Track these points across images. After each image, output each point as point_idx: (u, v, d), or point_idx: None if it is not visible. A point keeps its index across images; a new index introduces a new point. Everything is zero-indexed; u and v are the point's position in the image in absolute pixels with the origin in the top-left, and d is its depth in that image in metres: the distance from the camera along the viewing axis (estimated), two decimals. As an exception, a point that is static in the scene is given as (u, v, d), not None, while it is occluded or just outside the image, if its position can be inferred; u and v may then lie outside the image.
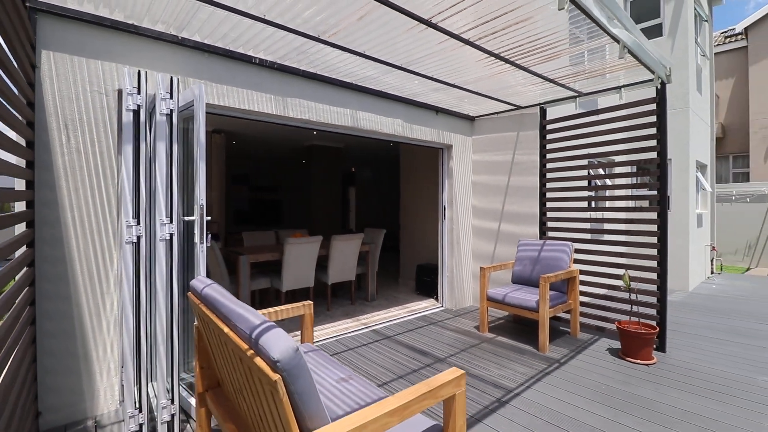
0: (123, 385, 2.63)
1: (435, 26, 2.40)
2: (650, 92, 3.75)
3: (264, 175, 11.80)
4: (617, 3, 2.12)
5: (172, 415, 2.25)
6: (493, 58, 2.94)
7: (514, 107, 4.73)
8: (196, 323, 2.11)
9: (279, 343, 1.08)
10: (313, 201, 9.28)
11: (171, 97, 2.19)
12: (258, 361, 1.13)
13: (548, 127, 4.56)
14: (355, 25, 2.48)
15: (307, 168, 9.64)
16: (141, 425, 2.17)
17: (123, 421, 2.43)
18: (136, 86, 2.12)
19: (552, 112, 4.67)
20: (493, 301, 4.17)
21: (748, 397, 2.73)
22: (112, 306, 2.56)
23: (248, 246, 5.58)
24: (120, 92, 2.58)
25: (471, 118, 5.38)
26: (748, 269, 8.87)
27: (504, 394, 2.76)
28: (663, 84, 3.38)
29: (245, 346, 1.24)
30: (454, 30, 2.46)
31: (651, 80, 3.49)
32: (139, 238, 2.16)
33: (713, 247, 7.98)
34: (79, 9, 2.37)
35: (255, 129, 7.23)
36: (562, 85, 3.68)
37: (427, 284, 5.94)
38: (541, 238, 4.67)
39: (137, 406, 2.15)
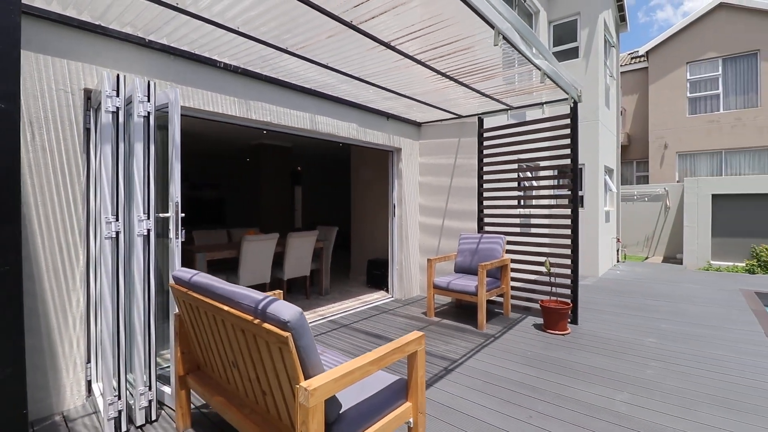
0: (89, 380, 2.68)
1: (393, 48, 2.78)
2: (567, 108, 4.47)
3: (205, 173, 11.46)
4: (539, 40, 2.65)
5: (150, 401, 2.39)
6: (440, 76, 3.40)
7: (456, 116, 5.28)
8: (176, 312, 2.28)
9: (287, 308, 1.38)
10: (260, 200, 9.25)
11: (149, 100, 2.32)
12: (266, 326, 1.42)
13: (485, 134, 5.17)
14: (322, 42, 2.77)
15: (254, 166, 9.57)
16: (120, 411, 2.28)
17: (95, 413, 2.50)
18: (115, 89, 2.23)
19: (488, 122, 5.29)
20: (438, 288, 4.66)
21: (637, 353, 3.47)
22: (78, 302, 2.60)
23: (203, 244, 5.56)
24: (87, 91, 2.62)
25: (418, 124, 5.86)
26: (646, 258, 10.45)
27: (450, 364, 3.23)
28: (575, 103, 4.10)
29: (250, 317, 1.51)
30: (409, 52, 2.86)
31: (566, 99, 4.19)
32: (117, 233, 2.27)
33: (618, 239, 9.35)
34: (46, 8, 2.39)
35: (202, 127, 7.11)
36: (497, 100, 4.27)
37: (377, 277, 6.33)
38: (479, 232, 5.27)
39: (116, 393, 2.27)
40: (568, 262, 4.44)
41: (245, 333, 1.59)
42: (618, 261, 9.27)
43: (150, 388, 2.38)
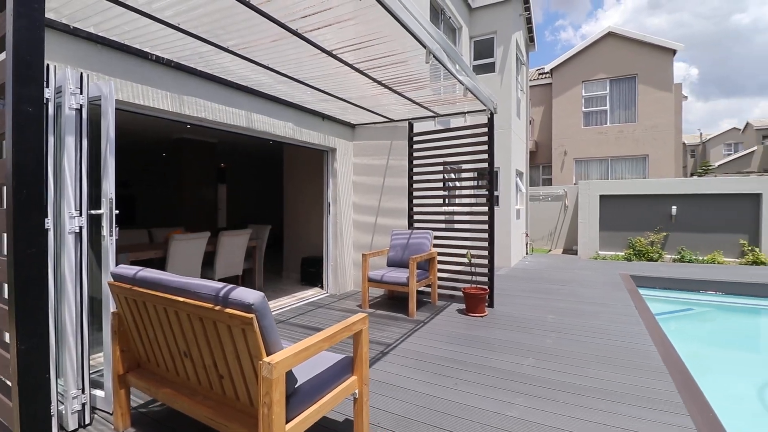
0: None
1: (335, 56, 2.98)
2: (485, 118, 5.04)
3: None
4: (462, 59, 3.06)
5: (83, 404, 2.31)
6: (377, 84, 3.68)
7: (388, 120, 5.62)
8: (114, 310, 2.25)
9: (251, 293, 1.53)
10: (182, 198, 8.74)
11: (81, 92, 2.24)
12: (229, 311, 1.55)
13: (415, 138, 5.59)
14: (266, 45, 2.87)
15: (174, 163, 8.99)
16: (51, 417, 2.17)
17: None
18: (44, 79, 2.11)
19: (418, 127, 5.72)
20: (373, 281, 4.96)
21: (540, 327, 4.12)
22: None
23: (124, 244, 5.19)
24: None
25: (352, 126, 6.09)
26: (549, 250, 11.92)
27: (385, 348, 3.54)
28: (492, 114, 4.68)
29: (210, 305, 1.62)
30: (349, 60, 3.08)
31: (485, 110, 4.75)
32: (47, 231, 2.16)
33: (527, 234, 10.56)
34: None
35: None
36: (426, 108, 4.69)
37: (312, 274, 6.45)
38: (409, 228, 5.68)
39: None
40: (486, 253, 5.02)
41: (203, 321, 1.69)
42: (527, 253, 10.48)
43: (83, 392, 2.30)
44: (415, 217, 5.77)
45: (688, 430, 2.19)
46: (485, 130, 4.82)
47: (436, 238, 5.43)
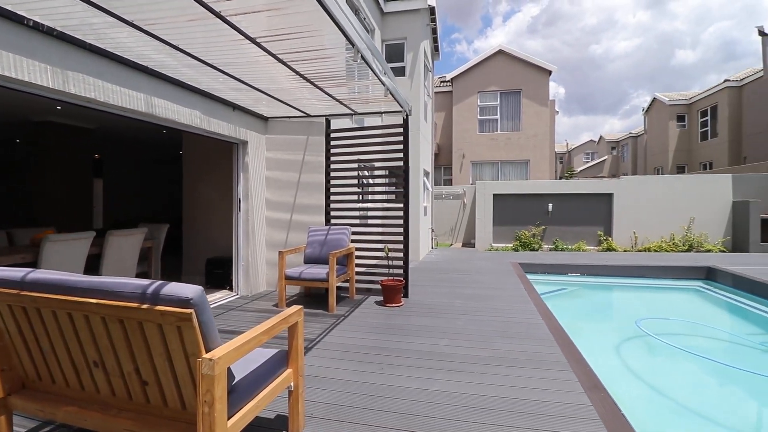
0: None
1: (259, 44, 2.86)
2: (401, 119, 5.31)
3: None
4: (385, 61, 3.21)
5: (-61, 443, 1.87)
6: (298, 77, 3.62)
7: (305, 115, 5.54)
8: (-11, 322, 1.87)
9: (187, 287, 1.43)
10: (44, 194, 7.38)
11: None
12: (160, 308, 1.43)
13: (333, 135, 5.62)
14: (180, 24, 2.63)
15: (35, 151, 7.52)
16: None
17: None
18: None
19: (335, 123, 5.76)
20: (290, 279, 4.86)
21: (450, 312, 4.54)
22: None
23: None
24: None
25: (265, 119, 5.85)
26: (451, 244, 12.99)
27: (309, 343, 3.53)
28: (407, 116, 4.97)
29: (135, 304, 1.48)
30: (273, 50, 2.99)
31: (401, 111, 5.02)
32: None
33: (433, 229, 11.37)
34: None
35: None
36: (345, 105, 4.76)
37: (219, 276, 6.03)
38: (326, 224, 5.70)
39: None
40: (401, 246, 5.31)
41: (125, 323, 1.53)
42: (433, 248, 11.28)
43: (-62, 427, 1.86)
44: (333, 213, 5.81)
45: (572, 382, 2.69)
46: (401, 130, 5.09)
47: (353, 233, 5.55)
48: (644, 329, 4.92)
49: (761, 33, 14.32)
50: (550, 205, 10.65)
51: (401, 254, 5.30)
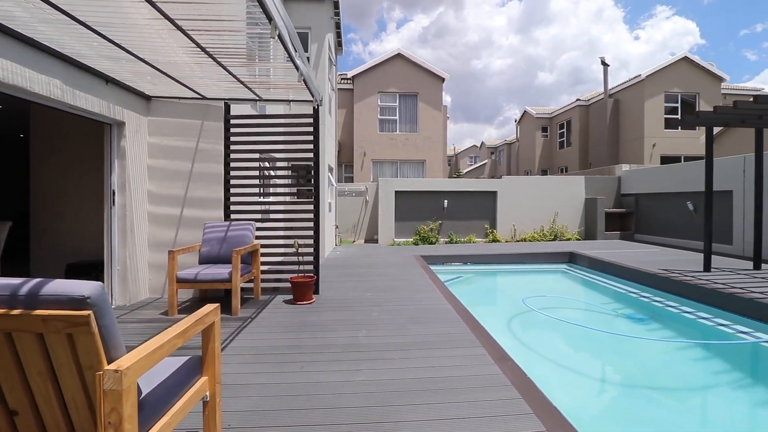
0: None
1: (153, 4, 2.41)
2: (311, 109, 5.10)
3: None
4: (301, 45, 3.03)
5: None
6: (198, 50, 3.19)
7: (200, 97, 4.95)
8: None
9: (82, 284, 1.12)
10: None
11: None
12: (41, 312, 1.10)
13: (233, 121, 5.13)
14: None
15: None
16: None
17: None
18: None
19: (235, 110, 5.27)
20: (184, 281, 4.30)
21: (364, 304, 4.55)
22: None
23: None
24: None
25: (148, 97, 5.06)
26: (354, 241, 13.10)
27: (216, 349, 3.16)
28: (318, 106, 4.80)
29: (3, 311, 1.11)
30: (170, 14, 2.55)
31: (311, 101, 4.83)
32: None
33: (337, 226, 11.30)
34: None
35: None
36: (249, 89, 4.37)
37: (88, 283, 5.04)
38: (226, 220, 5.19)
39: None
40: (311, 242, 5.13)
41: (-22, 336, 1.14)
42: (337, 244, 11.21)
43: None
44: (233, 207, 5.32)
45: (483, 356, 2.94)
46: (311, 120, 4.90)
47: (258, 229, 5.16)
48: (529, 305, 5.66)
49: (603, 63, 17.68)
50: (446, 201, 11.51)
51: (311, 249, 5.13)
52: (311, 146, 4.99)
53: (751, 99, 5.11)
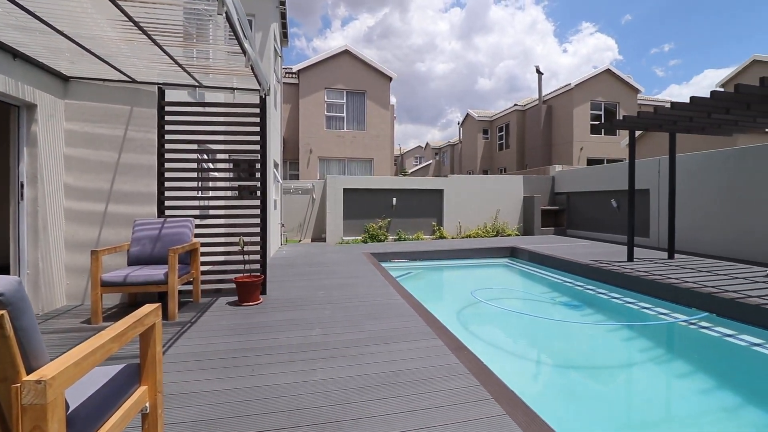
0: None
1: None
2: (257, 99, 4.81)
3: None
4: (249, 28, 2.82)
5: None
6: (131, 24, 2.84)
7: (129, 80, 4.46)
8: None
9: (-12, 278, 0.91)
10: None
11: None
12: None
13: (167, 108, 4.70)
14: None
15: None
16: None
17: None
18: None
19: (170, 96, 4.83)
20: (111, 285, 3.87)
21: (315, 303, 4.39)
22: None
23: None
24: None
25: (65, 78, 4.47)
26: (300, 240, 12.73)
27: (152, 357, 2.85)
28: (265, 95, 4.54)
29: None
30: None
31: (257, 90, 4.55)
32: None
33: (282, 224, 10.90)
34: None
35: None
36: (188, 73, 4.01)
37: (-11, 291, 4.32)
38: (159, 216, 4.74)
39: None
40: (258, 239, 4.86)
41: None
42: (282, 243, 10.81)
43: None
44: (168, 203, 4.87)
45: (440, 347, 2.97)
46: (257, 111, 4.63)
47: (197, 227, 4.78)
48: (478, 297, 5.86)
49: (538, 71, 18.96)
50: (395, 199, 11.60)
51: (257, 247, 4.85)
52: (257, 138, 4.71)
53: (668, 106, 5.75)
